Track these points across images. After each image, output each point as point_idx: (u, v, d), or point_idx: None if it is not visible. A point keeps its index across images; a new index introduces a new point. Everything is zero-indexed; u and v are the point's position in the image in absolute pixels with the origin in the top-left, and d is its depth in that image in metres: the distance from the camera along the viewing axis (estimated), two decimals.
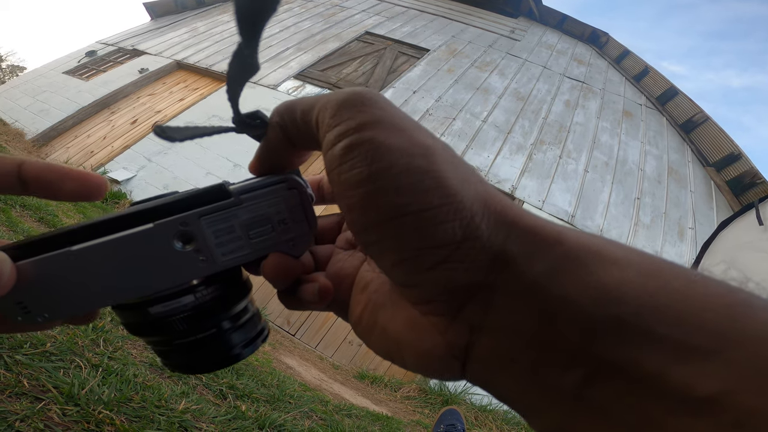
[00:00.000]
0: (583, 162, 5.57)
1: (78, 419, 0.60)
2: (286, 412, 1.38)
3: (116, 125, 5.94)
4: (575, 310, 0.15)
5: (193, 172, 4.91)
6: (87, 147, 5.64)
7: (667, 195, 5.51)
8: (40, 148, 5.61)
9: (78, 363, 0.84)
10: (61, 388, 0.66)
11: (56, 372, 0.73)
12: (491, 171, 5.17)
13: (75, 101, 6.25)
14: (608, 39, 7.80)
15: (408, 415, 2.49)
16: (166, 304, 0.23)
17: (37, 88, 6.65)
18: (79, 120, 6.07)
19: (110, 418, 0.64)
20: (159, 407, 0.82)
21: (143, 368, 1.02)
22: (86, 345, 0.97)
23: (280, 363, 2.29)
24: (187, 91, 6.42)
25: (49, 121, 5.95)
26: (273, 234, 0.24)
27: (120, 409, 0.70)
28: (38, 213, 2.31)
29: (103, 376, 0.83)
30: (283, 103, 0.25)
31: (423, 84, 6.18)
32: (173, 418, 0.81)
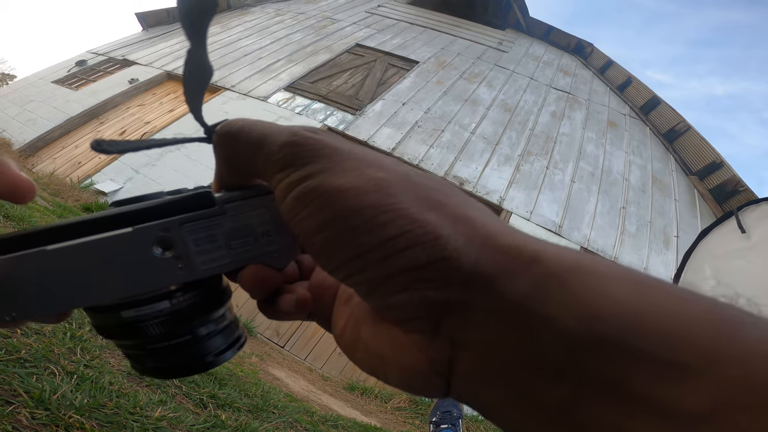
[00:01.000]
0: (570, 172, 5.65)
1: (47, 423, 0.59)
2: (269, 421, 1.36)
3: (105, 136, 5.87)
4: (559, 329, 0.15)
5: (181, 183, 4.85)
6: (74, 158, 5.57)
7: (652, 204, 5.60)
8: (26, 159, 5.53)
9: (52, 370, 0.83)
10: (32, 393, 0.66)
11: (29, 378, 0.73)
12: (479, 183, 5.21)
13: (63, 111, 6.18)
14: (593, 49, 8.00)
15: (398, 426, 2.46)
16: (140, 308, 0.23)
17: (25, 98, 6.56)
18: (66, 130, 5.99)
19: (80, 423, 0.64)
20: (133, 414, 0.81)
21: (120, 377, 1.01)
22: (62, 353, 0.96)
23: (267, 374, 2.27)
24: (177, 102, 6.40)
25: (36, 131, 5.86)
26: (255, 245, 0.24)
27: (92, 414, 0.70)
28: (21, 224, 2.28)
29: (77, 382, 0.82)
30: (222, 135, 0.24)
31: (412, 96, 6.26)
32: (148, 425, 0.80)
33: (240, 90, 6.16)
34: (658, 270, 4.95)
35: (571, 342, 0.15)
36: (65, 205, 3.86)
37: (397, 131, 5.62)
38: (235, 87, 6.24)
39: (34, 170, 5.16)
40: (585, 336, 0.14)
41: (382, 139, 5.46)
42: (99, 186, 4.73)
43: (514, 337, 0.16)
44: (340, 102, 5.99)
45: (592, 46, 8.01)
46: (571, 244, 4.89)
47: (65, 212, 3.54)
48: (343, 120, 5.70)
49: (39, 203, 3.30)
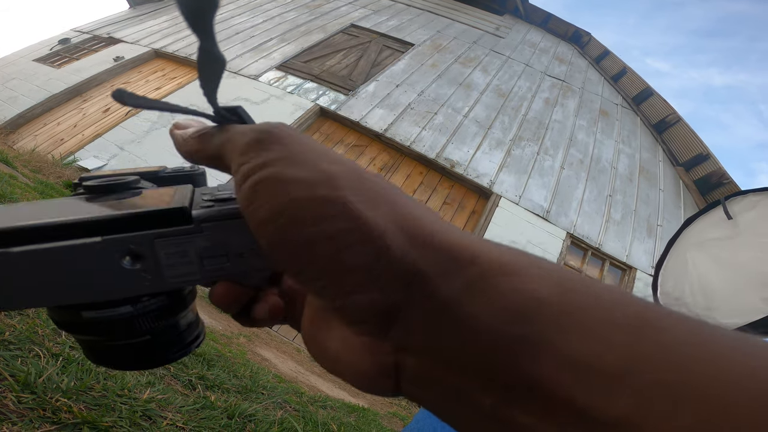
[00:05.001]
0: (560, 159, 5.68)
1: (34, 407, 0.58)
2: (258, 402, 1.37)
3: (88, 113, 5.74)
4: (487, 331, 0.15)
5: (167, 161, 4.77)
6: (56, 135, 5.45)
7: (638, 193, 5.69)
8: (6, 136, 5.38)
9: (37, 352, 0.81)
10: (18, 376, 0.64)
11: (14, 360, 0.71)
12: (470, 165, 5.22)
13: (45, 89, 6.02)
14: (590, 39, 7.96)
15: (385, 407, 2.51)
16: (102, 311, 0.22)
17: (5, 76, 6.36)
18: (48, 108, 5.86)
19: (68, 406, 0.63)
20: (121, 396, 0.81)
21: None
22: (47, 334, 0.94)
23: (255, 355, 2.28)
24: (164, 80, 6.26)
25: (16, 109, 5.72)
26: (227, 264, 0.23)
27: (79, 397, 0.68)
28: (2, 201, 2.21)
29: (63, 365, 0.80)
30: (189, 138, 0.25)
31: (406, 78, 6.17)
32: (136, 406, 0.80)
33: (230, 68, 6.01)
34: (640, 258, 5.07)
35: (495, 343, 0.15)
36: (47, 182, 3.76)
37: (389, 112, 5.56)
38: None
39: (15, 147, 5.00)
40: (512, 338, 0.14)
41: (374, 120, 5.40)
42: (82, 163, 4.61)
43: (449, 340, 0.16)
44: (332, 82, 5.89)
45: (590, 36, 7.97)
46: (558, 229, 4.97)
47: (47, 189, 3.45)
48: (336, 100, 5.61)
49: (20, 180, 3.21)
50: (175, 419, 0.87)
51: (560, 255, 4.79)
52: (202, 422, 0.96)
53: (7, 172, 3.21)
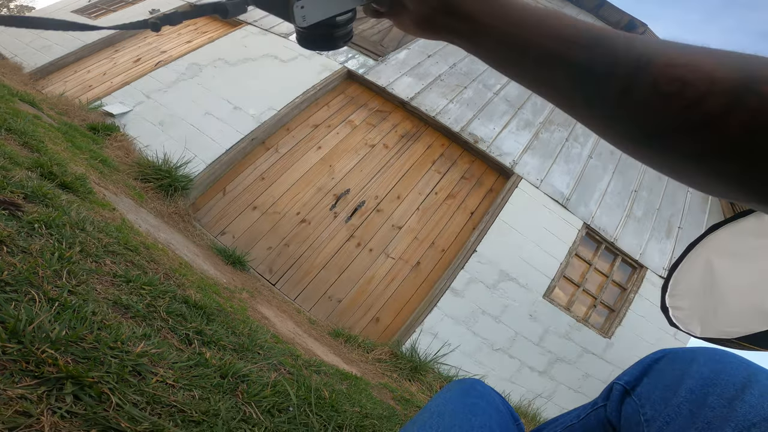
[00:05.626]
0: (589, 148, 5.47)
1: (17, 358, 0.56)
2: (253, 362, 1.38)
3: (118, 63, 5.84)
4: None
5: (191, 110, 4.76)
6: (85, 81, 5.56)
7: (664, 192, 5.49)
8: (36, 81, 5.47)
9: (33, 295, 0.80)
10: (7, 323, 0.63)
11: (7, 304, 0.70)
12: (494, 143, 5.06)
13: (79, 39, 6.09)
14: (645, 30, 7.46)
15: (377, 377, 2.55)
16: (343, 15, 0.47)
17: None
18: (80, 56, 5.97)
19: (53, 359, 0.61)
20: (113, 348, 0.80)
21: (105, 306, 0.99)
22: (47, 276, 0.93)
23: (255, 312, 2.30)
24: (195, 33, 6.24)
25: (49, 57, 5.84)
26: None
27: (68, 348, 0.67)
28: (23, 137, 2.21)
29: (58, 311, 0.79)
30: None
31: (439, 49, 5.92)
32: (127, 361, 0.79)
33: (262, 25, 5.85)
34: (653, 258, 4.96)
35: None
36: (71, 124, 3.78)
37: (418, 81, 5.37)
38: (257, 22, 5.93)
39: (43, 92, 5.04)
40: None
41: (400, 88, 5.24)
42: (107, 108, 4.63)
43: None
44: (363, 46, 5.68)
45: (646, 27, 7.45)
46: (575, 218, 4.86)
47: (71, 130, 3.46)
48: (364, 64, 5.43)
49: (44, 120, 3.21)
50: (165, 376, 0.87)
51: (573, 244, 4.70)
52: (193, 380, 0.95)
53: (33, 112, 3.22)
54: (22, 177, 1.53)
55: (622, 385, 0.57)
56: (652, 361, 0.57)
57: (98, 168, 3.01)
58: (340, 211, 4.46)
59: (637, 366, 0.58)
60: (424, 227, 4.55)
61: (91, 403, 0.57)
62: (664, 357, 0.56)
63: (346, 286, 4.14)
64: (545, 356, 4.34)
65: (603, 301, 4.70)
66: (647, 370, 0.56)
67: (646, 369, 0.56)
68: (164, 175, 3.85)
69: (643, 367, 0.57)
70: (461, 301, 4.19)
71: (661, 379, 0.52)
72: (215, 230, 4.17)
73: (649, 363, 0.57)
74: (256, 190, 4.44)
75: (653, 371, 0.55)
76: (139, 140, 4.42)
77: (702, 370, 0.48)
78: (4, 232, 1.00)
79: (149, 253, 1.81)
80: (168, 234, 2.84)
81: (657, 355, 0.58)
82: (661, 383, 0.51)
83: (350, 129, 4.98)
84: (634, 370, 0.58)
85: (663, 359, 0.56)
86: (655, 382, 0.52)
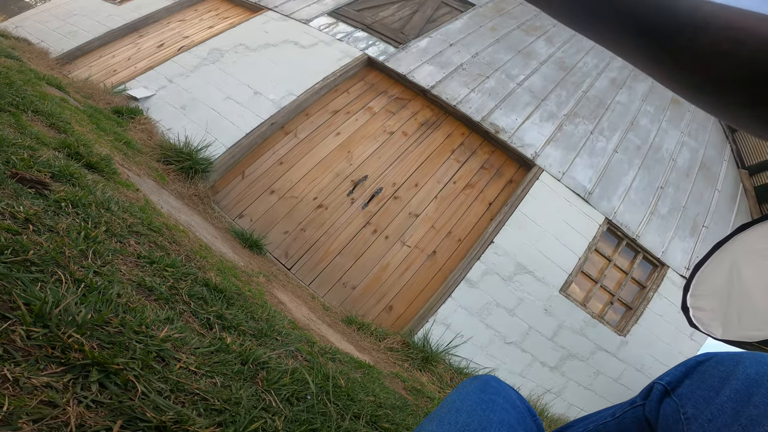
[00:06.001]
0: (615, 142, 5.32)
1: (42, 344, 0.56)
2: (272, 349, 1.38)
3: (142, 48, 5.91)
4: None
5: (212, 95, 4.78)
6: (110, 66, 5.65)
7: (691, 189, 5.32)
8: (63, 66, 5.56)
9: (59, 276, 0.80)
10: (32, 305, 0.62)
11: (32, 285, 0.69)
12: (516, 134, 4.96)
13: (104, 24, 6.19)
14: None
15: (388, 366, 2.55)
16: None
17: (67, 12, 6.58)
18: (105, 42, 6.06)
19: (79, 343, 0.61)
20: (138, 333, 0.79)
21: (129, 288, 1.00)
22: (73, 256, 0.94)
23: (272, 297, 2.31)
24: (217, 19, 6.27)
25: (75, 42, 5.93)
26: None
27: (93, 333, 0.67)
28: (50, 119, 2.24)
29: (84, 293, 0.79)
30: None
31: (462, 38, 5.78)
32: (151, 346, 0.79)
33: (282, 11, 5.81)
34: (676, 256, 4.83)
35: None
36: (96, 107, 3.82)
37: (439, 70, 5.27)
38: (277, 8, 5.88)
39: (69, 76, 5.12)
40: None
41: (421, 76, 5.14)
42: (131, 92, 4.69)
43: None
44: (383, 33, 5.59)
45: None
46: (597, 213, 4.75)
47: (96, 113, 3.50)
48: (385, 51, 5.34)
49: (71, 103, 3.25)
50: (188, 362, 0.87)
51: (593, 239, 4.60)
52: (215, 367, 0.95)
53: (59, 95, 3.26)
54: (50, 156, 1.55)
55: (663, 385, 0.57)
56: (696, 363, 0.57)
57: (122, 150, 3.04)
58: (357, 197, 4.45)
59: (680, 367, 0.58)
60: (441, 216, 4.51)
61: (116, 391, 0.57)
62: (710, 360, 0.56)
63: (361, 273, 4.14)
64: (558, 352, 4.30)
65: (621, 299, 4.61)
66: (690, 372, 0.56)
67: (689, 370, 0.56)
68: (185, 157, 3.88)
69: (687, 369, 0.57)
70: (476, 293, 4.16)
71: (705, 380, 0.53)
72: (233, 213, 4.20)
73: (693, 365, 0.57)
74: (274, 175, 4.45)
75: (696, 373, 0.55)
76: (161, 123, 4.46)
77: (748, 372, 0.48)
78: (30, 211, 1.00)
79: (171, 234, 1.83)
80: (188, 216, 2.87)
81: (701, 358, 0.58)
82: (704, 384, 0.52)
83: (369, 116, 4.93)
84: (676, 371, 0.58)
85: (708, 362, 0.56)
86: (699, 383, 0.53)
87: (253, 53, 5.24)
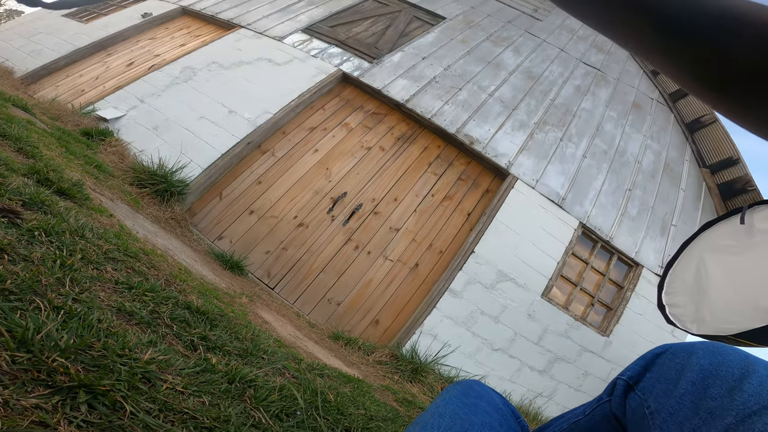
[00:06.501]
0: (583, 148, 5.51)
1: (28, 368, 0.55)
2: (258, 367, 1.37)
3: (111, 67, 5.79)
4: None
5: (185, 114, 4.73)
6: (78, 86, 5.50)
7: (658, 190, 5.54)
8: (28, 86, 5.40)
9: (38, 304, 0.79)
10: (14, 332, 0.61)
11: (12, 313, 0.68)
12: (490, 144, 5.08)
13: (71, 43, 6.07)
14: None
15: (378, 380, 2.54)
16: None
17: (32, 30, 6.45)
18: (72, 60, 5.92)
19: (64, 367, 0.60)
20: (121, 356, 0.78)
21: (109, 313, 0.98)
22: (50, 284, 0.92)
23: (256, 317, 2.28)
24: (189, 37, 6.23)
25: (40, 61, 5.78)
26: None
27: (77, 357, 0.66)
28: (18, 143, 2.19)
29: (64, 319, 0.78)
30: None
31: (434, 51, 5.95)
32: (136, 368, 0.78)
33: (256, 29, 5.85)
34: (649, 256, 5.00)
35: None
36: (64, 129, 3.74)
37: (413, 83, 5.39)
38: (251, 25, 5.93)
39: (35, 96, 4.99)
40: None
41: (396, 90, 5.25)
42: (101, 113, 4.59)
43: None
44: (357, 48, 5.70)
45: None
46: (571, 218, 4.88)
47: (64, 135, 3.42)
48: (359, 66, 5.44)
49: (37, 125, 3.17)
50: (174, 383, 0.85)
51: (570, 244, 4.72)
52: (202, 386, 0.94)
53: (25, 117, 3.18)
54: (19, 184, 1.51)
55: (625, 380, 0.58)
56: (654, 356, 0.58)
57: (93, 174, 2.98)
58: (337, 214, 4.45)
59: (639, 361, 0.60)
60: (421, 229, 4.55)
61: (105, 411, 0.56)
62: (665, 352, 0.58)
63: (345, 289, 4.12)
64: (545, 355, 4.35)
65: (601, 300, 4.73)
66: (649, 365, 0.58)
67: (648, 364, 0.58)
68: (160, 180, 3.82)
69: (645, 362, 0.59)
70: (460, 302, 4.19)
71: (663, 372, 0.54)
72: (212, 235, 4.14)
73: (651, 358, 0.59)
74: (252, 195, 4.42)
75: (655, 366, 0.57)
76: (133, 145, 4.38)
77: (702, 362, 0.50)
78: (4, 240, 0.98)
79: (149, 259, 1.80)
80: (165, 239, 2.82)
81: (658, 350, 0.59)
82: (663, 377, 0.53)
83: (346, 132, 4.98)
84: (636, 366, 0.59)
85: (664, 354, 0.57)
86: (658, 376, 0.54)
87: (226, 71, 5.24)
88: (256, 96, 4.94)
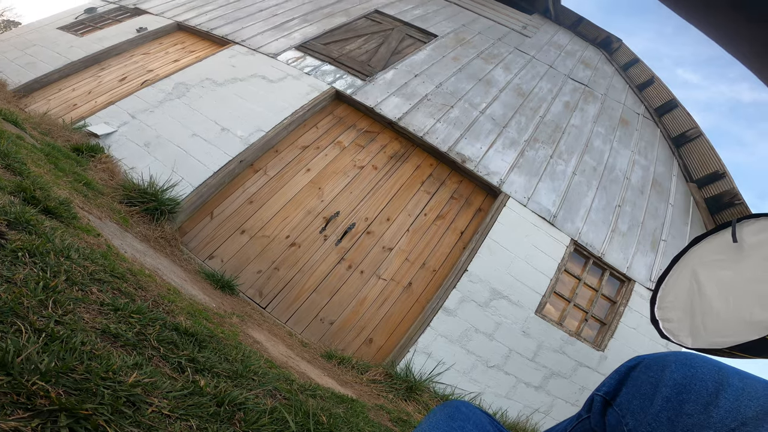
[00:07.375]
0: (573, 164, 5.59)
1: (7, 390, 0.53)
2: (249, 389, 1.33)
3: (104, 81, 5.78)
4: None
5: (177, 131, 4.73)
6: (70, 100, 5.48)
7: (647, 206, 5.61)
8: (20, 99, 5.38)
9: (19, 326, 0.76)
10: None
11: None
12: (482, 162, 5.13)
13: (65, 56, 6.06)
14: (620, 45, 7.78)
15: (372, 399, 2.48)
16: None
17: (27, 42, 6.44)
18: (65, 74, 5.91)
19: (45, 390, 0.58)
20: (105, 379, 0.76)
21: (93, 335, 0.95)
22: (32, 306, 0.89)
23: (247, 337, 2.24)
24: (183, 52, 6.26)
25: (33, 74, 5.76)
26: None
27: (59, 380, 0.63)
28: (6, 159, 2.16)
29: (46, 342, 0.75)
30: None
31: (426, 69, 6.06)
32: (120, 391, 0.75)
33: (250, 45, 5.93)
34: (640, 271, 5.02)
35: None
36: (54, 144, 3.71)
37: (405, 101, 5.46)
38: (245, 42, 6.01)
39: (26, 110, 4.97)
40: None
41: (388, 108, 5.31)
42: (92, 128, 4.56)
43: None
44: (350, 66, 5.78)
45: (621, 42, 7.77)
46: (563, 235, 4.90)
47: (54, 151, 3.39)
48: (352, 84, 5.51)
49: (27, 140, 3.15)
50: (161, 406, 0.83)
51: (562, 261, 4.73)
52: (189, 410, 0.91)
53: (15, 132, 3.15)
54: (5, 203, 1.49)
55: (602, 396, 0.57)
56: (628, 369, 0.57)
57: (82, 191, 2.94)
58: (330, 234, 4.43)
59: (614, 375, 0.59)
60: (414, 248, 4.54)
61: None
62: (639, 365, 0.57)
63: (338, 309, 4.07)
64: (540, 371, 4.31)
65: (594, 315, 4.72)
66: (624, 379, 0.57)
67: (623, 378, 0.57)
68: (150, 198, 3.78)
69: (620, 376, 0.57)
70: (454, 320, 4.16)
71: (638, 388, 0.53)
72: (203, 254, 4.09)
73: (625, 371, 0.57)
74: (244, 214, 4.39)
75: (630, 380, 0.56)
76: (124, 162, 4.35)
77: (675, 377, 0.49)
78: None
79: (136, 279, 1.76)
80: (155, 259, 2.77)
81: (631, 363, 0.58)
82: (638, 392, 0.52)
83: (339, 150, 5.01)
84: (611, 381, 0.58)
85: (638, 367, 0.56)
86: (634, 392, 0.53)
87: (220, 88, 5.27)
88: (249, 113, 4.97)
